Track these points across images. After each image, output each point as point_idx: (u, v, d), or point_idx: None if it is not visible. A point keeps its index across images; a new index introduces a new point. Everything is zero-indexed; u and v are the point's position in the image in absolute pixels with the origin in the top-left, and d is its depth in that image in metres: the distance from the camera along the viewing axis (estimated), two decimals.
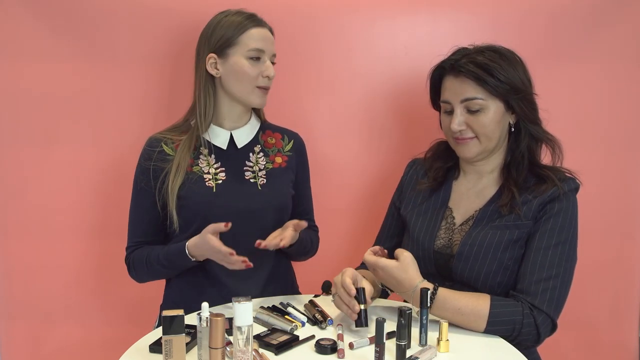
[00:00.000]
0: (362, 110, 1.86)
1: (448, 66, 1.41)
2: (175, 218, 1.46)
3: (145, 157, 1.52)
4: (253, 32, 1.47)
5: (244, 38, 1.47)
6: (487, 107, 1.37)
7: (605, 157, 1.86)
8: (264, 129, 1.62)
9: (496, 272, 1.36)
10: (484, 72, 1.34)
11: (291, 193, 1.59)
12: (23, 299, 1.88)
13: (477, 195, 1.47)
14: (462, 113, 1.38)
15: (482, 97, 1.36)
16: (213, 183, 1.50)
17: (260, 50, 1.48)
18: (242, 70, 1.47)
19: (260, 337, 1.25)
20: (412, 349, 1.21)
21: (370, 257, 1.33)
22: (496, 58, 1.36)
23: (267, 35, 1.50)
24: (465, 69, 1.35)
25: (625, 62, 1.82)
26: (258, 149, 1.58)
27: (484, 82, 1.34)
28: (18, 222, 1.85)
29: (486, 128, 1.38)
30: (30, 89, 1.78)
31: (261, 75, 1.48)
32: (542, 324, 1.29)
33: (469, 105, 1.37)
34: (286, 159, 1.60)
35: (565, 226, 1.35)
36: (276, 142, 1.61)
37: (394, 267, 1.29)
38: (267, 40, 1.50)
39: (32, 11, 1.75)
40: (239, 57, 1.47)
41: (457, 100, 1.38)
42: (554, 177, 1.37)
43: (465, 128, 1.39)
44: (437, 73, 1.45)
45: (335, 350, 1.20)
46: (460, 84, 1.38)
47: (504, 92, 1.35)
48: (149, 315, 1.67)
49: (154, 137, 1.54)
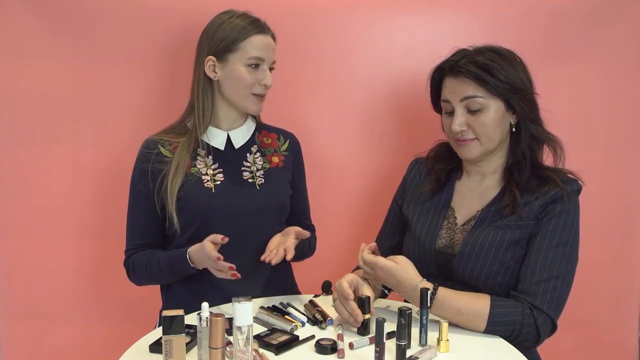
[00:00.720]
0: (362, 110, 1.86)
1: (447, 67, 1.41)
2: (176, 219, 1.46)
3: (143, 160, 1.51)
4: (255, 39, 1.46)
5: (245, 45, 1.46)
6: (488, 107, 1.37)
7: (605, 157, 1.86)
8: (260, 129, 1.62)
9: (497, 272, 1.36)
10: (484, 71, 1.34)
11: (289, 192, 1.59)
12: (23, 299, 1.88)
13: (479, 196, 1.47)
14: (462, 113, 1.38)
15: (482, 96, 1.36)
16: (212, 184, 1.50)
17: (260, 58, 1.46)
18: (240, 77, 1.47)
19: (260, 337, 1.25)
20: (412, 349, 1.21)
21: (369, 256, 1.32)
22: (496, 58, 1.36)
23: (269, 42, 1.49)
24: (464, 68, 1.36)
25: (625, 62, 1.82)
26: (255, 149, 1.58)
27: (484, 82, 1.34)
28: (18, 222, 1.85)
29: (487, 128, 1.38)
30: (30, 89, 1.78)
31: (258, 83, 1.48)
32: (542, 325, 1.29)
33: (469, 104, 1.37)
34: (283, 158, 1.60)
35: (567, 227, 1.35)
36: (272, 142, 1.61)
37: (394, 267, 1.29)
38: (269, 49, 1.48)
39: (32, 11, 1.75)
40: (238, 63, 1.46)
41: (457, 99, 1.38)
42: (557, 178, 1.37)
43: (466, 129, 1.39)
44: (437, 74, 1.45)
45: (335, 350, 1.20)
46: (460, 83, 1.38)
47: (504, 91, 1.35)
48: (149, 315, 1.67)
49: (151, 140, 1.53)
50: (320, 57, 1.83)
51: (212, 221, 1.45)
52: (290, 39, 1.76)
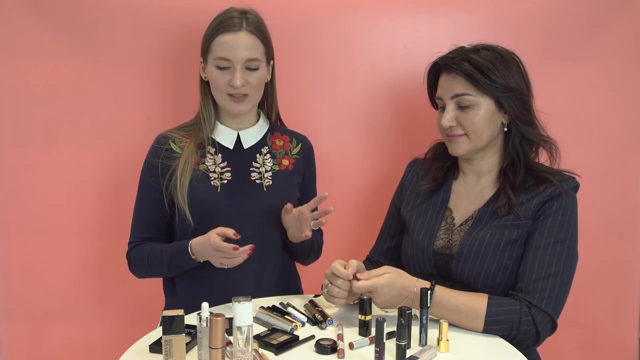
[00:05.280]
0: (362, 110, 1.86)
1: (442, 63, 1.42)
2: (189, 214, 1.46)
3: (153, 154, 1.52)
4: (220, 39, 1.44)
5: (213, 46, 1.46)
6: (478, 104, 1.37)
7: (605, 157, 1.86)
8: (272, 131, 1.62)
9: (496, 272, 1.36)
10: (475, 69, 1.35)
11: (297, 196, 1.58)
12: (23, 299, 1.88)
13: (475, 196, 1.47)
14: (452, 109, 1.39)
15: (472, 94, 1.37)
16: (218, 182, 1.51)
17: (225, 59, 1.44)
18: (213, 78, 1.47)
19: (260, 337, 1.25)
20: (412, 349, 1.21)
21: (362, 283, 1.27)
22: (490, 57, 1.37)
23: (237, 41, 1.43)
24: (457, 66, 1.37)
25: (625, 62, 1.82)
26: (265, 150, 1.58)
27: (474, 80, 1.35)
28: (18, 222, 1.85)
29: (475, 125, 1.38)
30: (31, 89, 1.78)
31: (228, 83, 1.45)
32: (541, 323, 1.29)
33: (459, 101, 1.38)
34: (293, 161, 1.60)
35: (565, 224, 1.35)
36: (284, 144, 1.61)
37: (392, 277, 1.28)
38: (237, 47, 1.43)
39: (32, 11, 1.75)
40: (211, 64, 1.47)
41: (448, 96, 1.40)
42: (552, 177, 1.38)
43: (455, 125, 1.40)
44: (433, 70, 1.47)
45: (335, 350, 1.20)
46: (451, 80, 1.39)
47: (494, 90, 1.36)
48: (149, 315, 1.67)
49: (162, 135, 1.55)
50: (320, 57, 1.83)
51: (216, 219, 1.45)
52: (290, 39, 1.76)
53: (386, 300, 1.28)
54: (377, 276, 1.28)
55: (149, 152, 1.54)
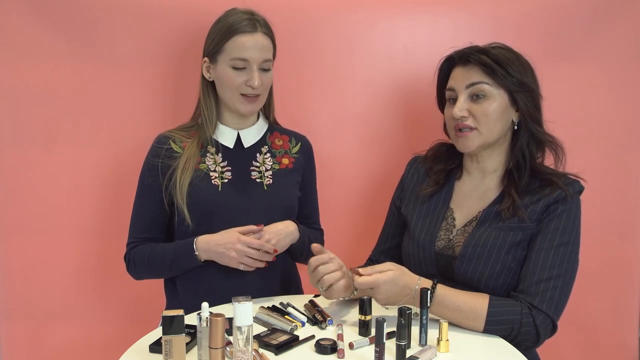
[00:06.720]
0: (362, 110, 1.86)
1: (457, 57, 1.42)
2: (187, 214, 1.46)
3: (153, 154, 1.52)
4: (238, 40, 1.45)
5: (228, 46, 1.45)
6: (492, 96, 1.37)
7: (605, 157, 1.86)
8: (271, 131, 1.62)
9: (499, 274, 1.36)
10: (493, 62, 1.36)
11: (297, 194, 1.59)
12: (23, 299, 1.88)
13: (480, 196, 1.46)
14: (465, 100, 1.39)
15: (488, 83, 1.37)
16: (219, 182, 1.51)
17: (244, 59, 1.45)
18: (226, 78, 1.47)
19: (260, 337, 1.25)
20: (412, 349, 1.21)
21: (365, 279, 1.26)
22: (508, 54, 1.38)
23: (255, 42, 1.45)
24: (475, 57, 1.37)
25: (625, 62, 1.82)
26: (265, 149, 1.58)
27: (491, 70, 1.36)
28: (18, 222, 1.85)
29: (488, 117, 1.37)
30: (31, 89, 1.78)
31: (245, 83, 1.46)
32: (542, 324, 1.29)
33: (474, 90, 1.37)
34: (293, 160, 1.60)
35: (569, 227, 1.35)
36: (283, 143, 1.61)
37: (394, 274, 1.27)
38: (255, 48, 1.45)
39: (32, 11, 1.75)
40: (223, 64, 1.46)
41: (463, 86, 1.39)
42: (558, 180, 1.37)
43: (467, 115, 1.38)
44: (446, 65, 1.46)
45: (335, 350, 1.20)
46: (467, 71, 1.39)
47: (510, 84, 1.36)
48: (149, 315, 1.67)
49: (163, 135, 1.55)
50: (320, 57, 1.83)
51: (217, 218, 1.46)
52: (290, 39, 1.76)
53: (387, 297, 1.28)
54: (379, 272, 1.27)
55: (149, 152, 1.54)
